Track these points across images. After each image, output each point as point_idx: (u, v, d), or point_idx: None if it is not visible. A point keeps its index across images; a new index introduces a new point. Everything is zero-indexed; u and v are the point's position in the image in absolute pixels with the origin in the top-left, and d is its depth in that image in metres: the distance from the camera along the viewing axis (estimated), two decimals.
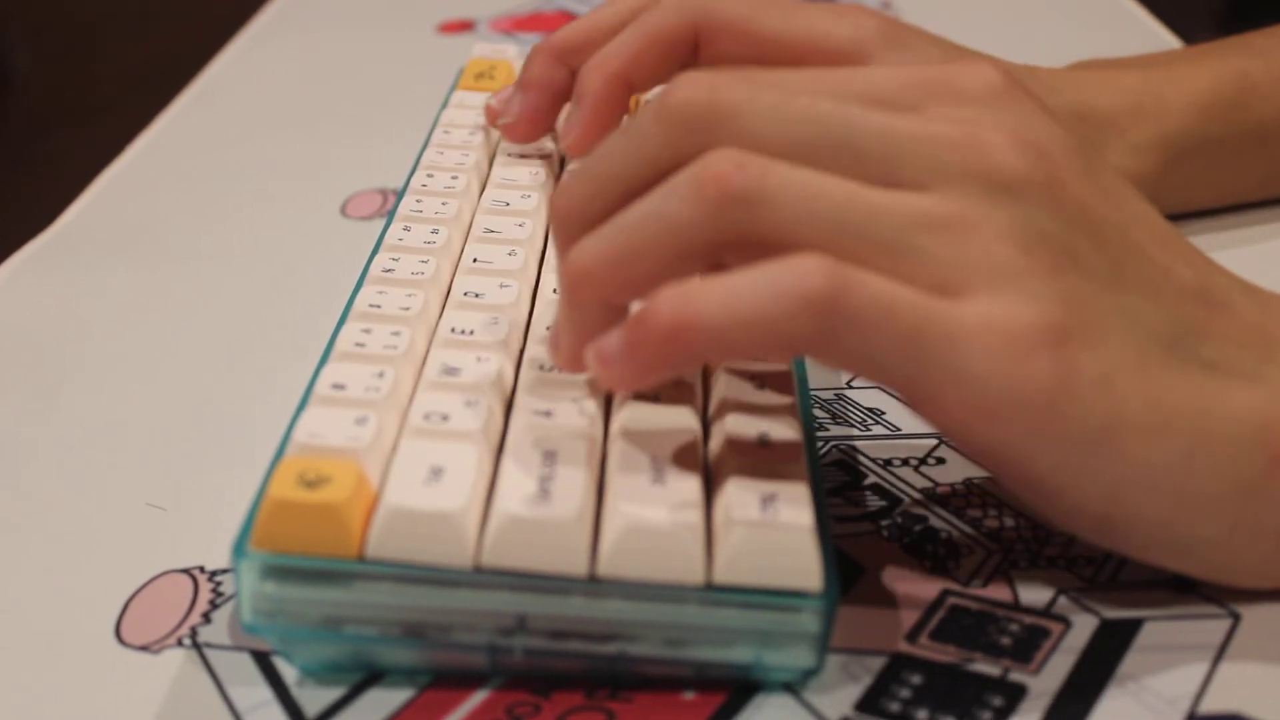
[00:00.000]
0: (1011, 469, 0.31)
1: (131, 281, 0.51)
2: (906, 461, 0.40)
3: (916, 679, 0.32)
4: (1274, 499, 0.31)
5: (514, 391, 0.35)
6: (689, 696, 0.32)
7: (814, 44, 0.40)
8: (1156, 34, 0.72)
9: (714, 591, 0.31)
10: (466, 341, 0.36)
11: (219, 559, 0.37)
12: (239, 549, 0.31)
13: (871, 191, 0.30)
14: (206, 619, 0.35)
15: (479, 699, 0.32)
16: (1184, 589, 0.34)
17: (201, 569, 0.37)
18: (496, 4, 0.81)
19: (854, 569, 0.36)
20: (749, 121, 0.31)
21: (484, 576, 0.31)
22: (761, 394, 0.35)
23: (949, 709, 0.31)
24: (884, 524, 0.37)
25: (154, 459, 0.41)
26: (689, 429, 0.34)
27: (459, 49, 0.72)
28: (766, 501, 0.31)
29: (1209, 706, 0.31)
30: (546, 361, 0.35)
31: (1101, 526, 0.32)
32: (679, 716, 0.32)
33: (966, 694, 0.32)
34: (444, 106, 0.51)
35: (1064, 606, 0.34)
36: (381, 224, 0.47)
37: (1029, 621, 0.34)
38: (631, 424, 0.33)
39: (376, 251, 0.41)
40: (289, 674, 0.33)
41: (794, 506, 0.31)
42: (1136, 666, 0.32)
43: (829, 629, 0.31)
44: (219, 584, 0.36)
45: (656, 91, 0.45)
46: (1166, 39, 0.71)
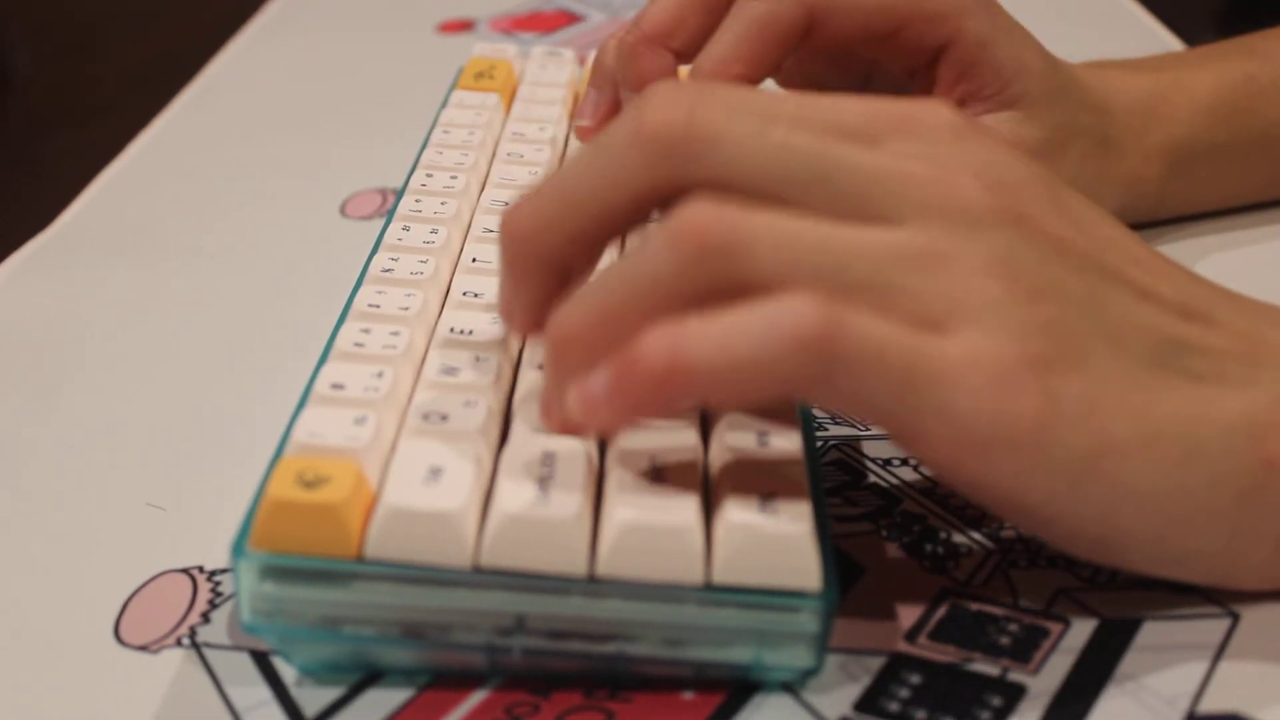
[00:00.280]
0: (1003, 501, 0.31)
1: (131, 281, 0.51)
2: (906, 461, 0.40)
3: (916, 679, 0.32)
4: (1269, 504, 0.31)
5: (513, 391, 0.35)
6: (688, 696, 0.32)
7: (917, 6, 0.42)
8: (1156, 34, 0.72)
9: (713, 591, 0.31)
10: (466, 341, 0.36)
11: (218, 559, 0.37)
12: (238, 549, 0.31)
13: (847, 230, 0.30)
14: (205, 619, 0.35)
15: (478, 699, 0.32)
16: (1183, 589, 0.34)
17: (201, 569, 0.37)
18: (496, 3, 0.81)
19: (853, 569, 0.36)
20: (726, 151, 0.31)
21: (483, 576, 0.31)
22: None
23: (948, 709, 0.31)
24: (884, 524, 0.37)
25: (153, 459, 0.41)
26: (688, 429, 0.34)
27: (459, 49, 0.72)
28: (766, 501, 0.31)
29: (1208, 706, 0.31)
30: None
31: (1098, 547, 0.32)
32: (678, 716, 0.32)
33: (966, 694, 0.32)
34: (444, 106, 0.51)
35: (1063, 606, 0.34)
36: (381, 224, 0.47)
37: (1028, 621, 0.34)
38: None
39: (376, 251, 0.41)
40: (288, 674, 0.33)
41: (793, 506, 0.31)
42: (1135, 666, 0.32)
43: (828, 629, 0.31)
44: (218, 584, 0.36)
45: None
46: (1167, 39, 0.71)
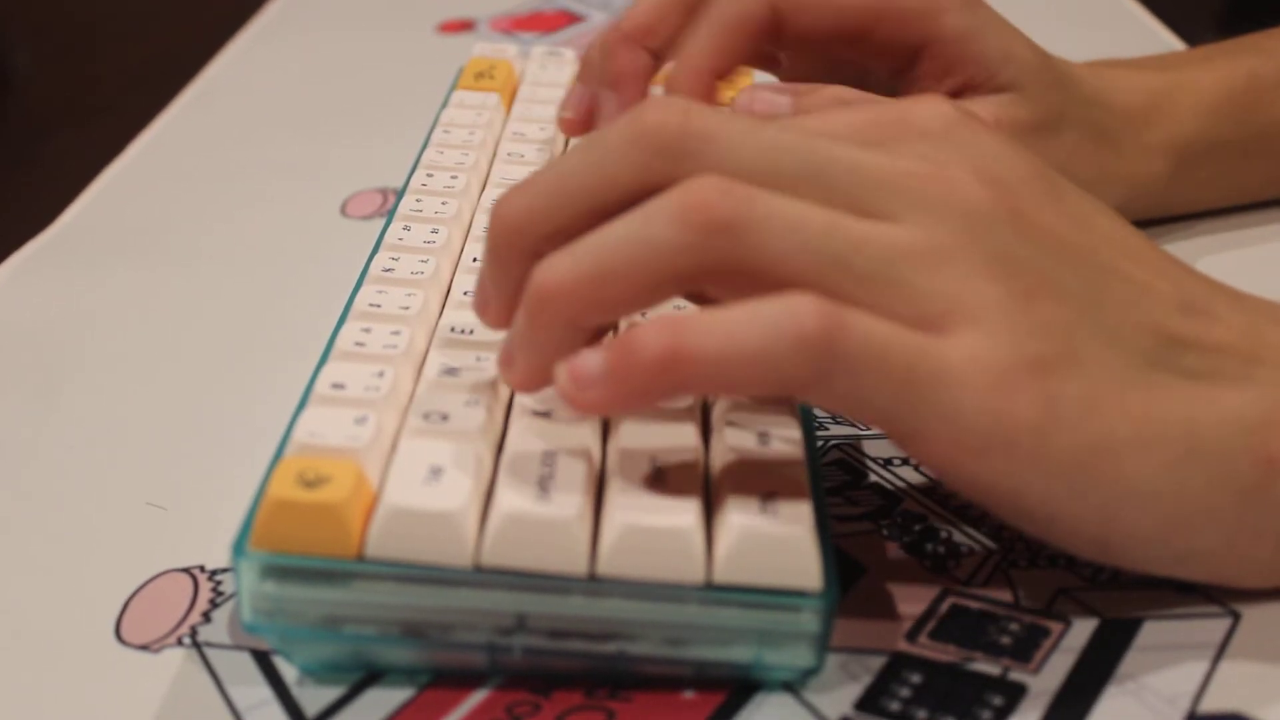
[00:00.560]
0: (1002, 502, 0.31)
1: (131, 281, 0.51)
2: (907, 461, 0.40)
3: (916, 678, 0.32)
4: (1270, 502, 0.31)
5: (513, 391, 0.35)
6: (689, 696, 0.32)
7: (888, 4, 0.42)
8: (1157, 34, 0.72)
9: (714, 591, 0.31)
10: (466, 341, 0.36)
11: (219, 558, 0.37)
12: (239, 548, 0.31)
13: (852, 221, 0.30)
14: (206, 618, 0.35)
15: (479, 698, 0.32)
16: (1184, 588, 0.34)
17: (201, 568, 0.37)
18: (496, 4, 0.81)
19: (854, 568, 0.36)
20: (721, 148, 0.31)
21: (483, 576, 0.31)
22: None
23: (949, 708, 0.31)
24: (884, 523, 0.37)
25: (154, 459, 0.41)
26: (688, 428, 0.34)
27: (459, 49, 0.72)
28: (766, 501, 0.31)
29: (1209, 706, 0.31)
30: None
31: (1099, 547, 0.32)
32: (679, 716, 0.32)
33: (966, 693, 0.32)
34: (444, 106, 0.51)
35: (1064, 606, 0.34)
36: (381, 223, 0.47)
37: (1029, 621, 0.34)
38: (631, 423, 0.33)
39: (376, 251, 0.41)
40: (289, 673, 0.33)
41: (794, 506, 0.31)
42: (1136, 665, 0.32)
43: (829, 628, 0.31)
44: (219, 583, 0.36)
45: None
46: (1167, 39, 0.71)
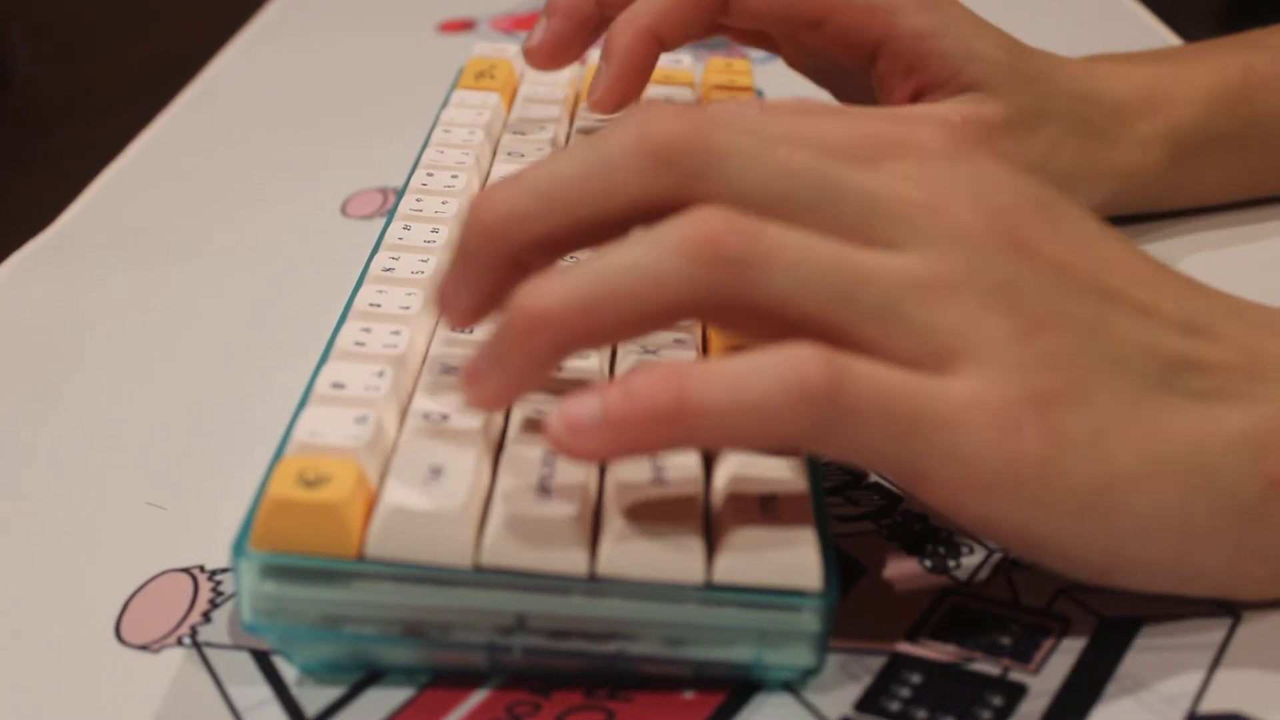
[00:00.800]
0: (1010, 537, 0.31)
1: (131, 281, 0.51)
2: None
3: (916, 678, 0.32)
4: (1272, 522, 0.31)
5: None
6: (689, 696, 0.32)
7: None
8: (1156, 33, 0.72)
9: (713, 590, 0.30)
10: (467, 340, 0.36)
11: (219, 558, 0.37)
12: (239, 548, 0.31)
13: (856, 253, 0.30)
14: (206, 618, 0.35)
15: (479, 698, 0.32)
16: None
17: (201, 568, 0.37)
18: (497, 3, 0.81)
19: (854, 568, 0.36)
20: (732, 170, 0.30)
21: (483, 576, 0.31)
22: None
23: (949, 708, 0.31)
24: (884, 523, 0.37)
25: (154, 458, 0.41)
26: None
27: (459, 48, 0.72)
28: (766, 501, 0.31)
29: (1209, 706, 0.31)
30: None
31: (1104, 574, 0.32)
32: (679, 716, 0.32)
33: (966, 693, 0.32)
34: (444, 105, 0.51)
35: (1064, 606, 0.34)
36: (381, 223, 0.47)
37: (1029, 621, 0.34)
38: None
39: (376, 250, 0.41)
40: (289, 673, 0.33)
41: (794, 506, 0.31)
42: (1136, 666, 0.32)
43: (829, 628, 0.31)
44: (219, 583, 0.36)
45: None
46: (1167, 38, 0.71)
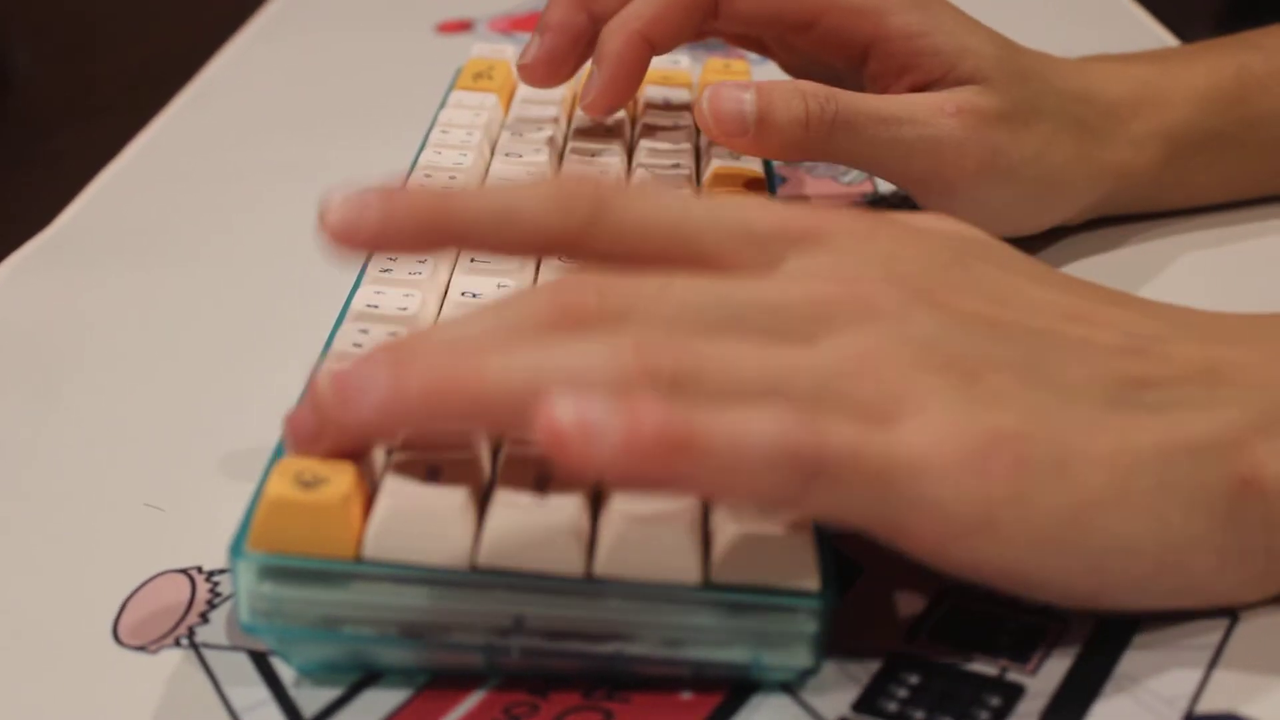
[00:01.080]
0: (997, 578, 0.31)
1: (131, 281, 0.51)
2: None
3: (914, 679, 0.32)
4: (1250, 520, 0.31)
5: None
6: (686, 696, 0.32)
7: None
8: (1154, 34, 0.72)
9: (711, 591, 0.31)
10: None
11: (217, 559, 0.37)
12: (236, 549, 0.31)
13: (778, 349, 0.30)
14: (204, 619, 0.35)
15: (476, 699, 0.32)
16: None
17: (199, 569, 0.37)
18: (495, 4, 0.81)
19: (852, 569, 0.36)
20: (639, 318, 0.30)
21: (481, 577, 0.31)
22: None
23: (947, 709, 0.31)
24: None
25: (152, 459, 0.41)
26: None
27: (458, 49, 0.72)
28: None
29: (1206, 706, 0.31)
30: None
31: (1095, 599, 0.32)
32: (676, 716, 0.32)
33: (964, 694, 0.32)
34: (442, 106, 0.51)
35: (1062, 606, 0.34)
36: None
37: (1026, 621, 0.34)
38: None
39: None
40: (286, 674, 0.33)
41: None
42: (1134, 666, 0.32)
43: (827, 629, 0.31)
44: (217, 584, 0.36)
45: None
46: (1165, 39, 0.71)
